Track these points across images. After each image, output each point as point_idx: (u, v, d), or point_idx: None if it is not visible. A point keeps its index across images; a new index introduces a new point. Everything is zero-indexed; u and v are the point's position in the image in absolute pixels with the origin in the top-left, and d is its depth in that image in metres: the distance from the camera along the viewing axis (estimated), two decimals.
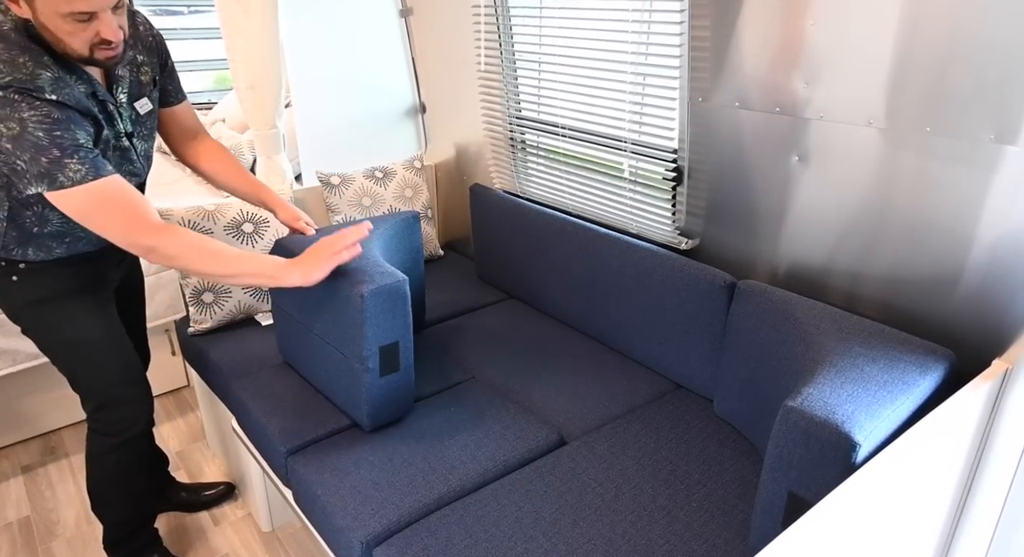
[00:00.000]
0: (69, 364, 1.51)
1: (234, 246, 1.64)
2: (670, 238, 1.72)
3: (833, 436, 0.98)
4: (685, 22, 1.50)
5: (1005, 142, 1.12)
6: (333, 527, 1.32)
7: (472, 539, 1.23)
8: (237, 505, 2.02)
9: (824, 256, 1.45)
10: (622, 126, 1.75)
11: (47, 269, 1.43)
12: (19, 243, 1.39)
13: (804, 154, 1.41)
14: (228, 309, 1.95)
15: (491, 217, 2.18)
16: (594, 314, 1.89)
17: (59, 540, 1.92)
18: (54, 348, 1.50)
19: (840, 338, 1.22)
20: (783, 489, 1.06)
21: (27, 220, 1.37)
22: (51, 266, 1.43)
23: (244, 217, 1.95)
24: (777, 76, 1.39)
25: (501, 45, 2.03)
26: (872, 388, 1.07)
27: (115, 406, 1.55)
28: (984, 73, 1.11)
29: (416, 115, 2.56)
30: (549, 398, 1.66)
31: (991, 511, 1.26)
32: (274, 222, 1.99)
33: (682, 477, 1.38)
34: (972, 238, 1.20)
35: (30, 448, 2.31)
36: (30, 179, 1.19)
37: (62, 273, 1.45)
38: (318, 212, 2.30)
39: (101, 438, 1.57)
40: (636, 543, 1.22)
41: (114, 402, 1.54)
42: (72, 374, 1.52)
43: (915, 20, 1.16)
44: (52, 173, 1.18)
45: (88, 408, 1.55)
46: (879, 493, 0.96)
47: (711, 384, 1.60)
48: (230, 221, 1.93)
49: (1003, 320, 1.20)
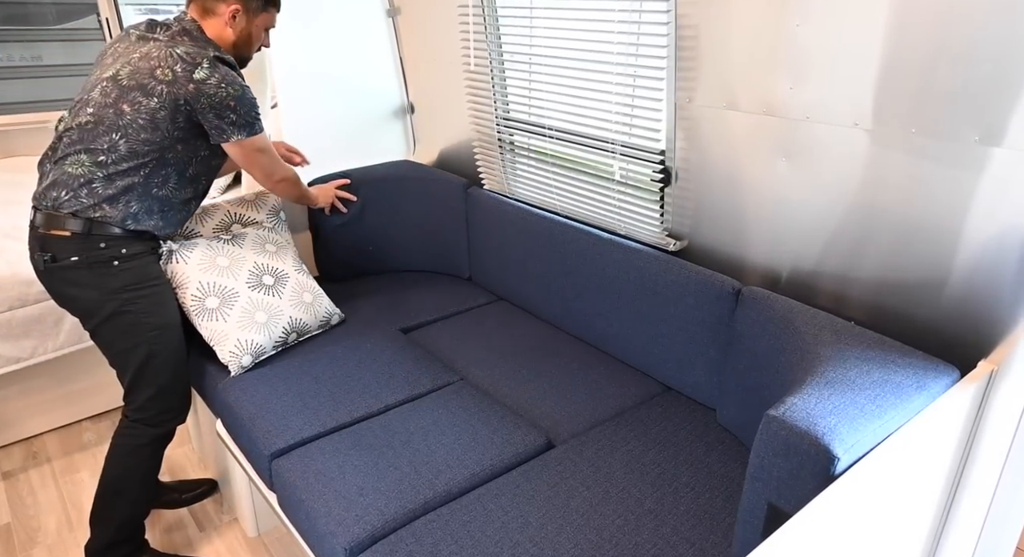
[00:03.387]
0: (147, 347, 1.59)
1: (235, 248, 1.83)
2: (658, 239, 1.72)
3: (812, 448, 0.96)
4: (672, 23, 1.50)
5: (991, 143, 1.11)
6: (317, 533, 1.30)
7: (458, 545, 1.22)
8: (222, 510, 2.00)
9: (812, 258, 1.45)
10: (610, 127, 1.74)
11: (144, 256, 1.59)
12: (139, 201, 1.55)
13: (791, 155, 1.40)
14: None
15: (480, 218, 2.16)
16: (586, 317, 1.88)
17: (40, 547, 1.89)
18: (139, 331, 1.58)
19: (837, 348, 1.20)
20: (763, 500, 1.04)
21: (156, 180, 1.56)
22: (149, 254, 1.61)
23: (232, 218, 1.93)
24: (764, 77, 1.39)
25: (489, 45, 2.02)
26: (860, 401, 1.04)
27: (170, 394, 1.66)
28: (970, 74, 1.11)
29: (404, 116, 2.55)
30: (537, 401, 1.65)
31: (976, 516, 1.25)
32: (262, 223, 1.99)
33: (670, 481, 1.37)
34: (958, 239, 1.20)
35: (11, 453, 2.27)
36: (236, 128, 1.56)
37: (156, 261, 1.65)
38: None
39: (144, 429, 1.64)
40: (623, 547, 1.21)
41: (172, 389, 1.66)
42: (146, 359, 1.60)
43: (901, 22, 1.16)
44: (253, 124, 1.59)
45: (144, 395, 1.63)
46: (860, 502, 0.95)
47: (715, 393, 1.59)
48: (218, 223, 1.91)
49: (989, 321, 1.20)
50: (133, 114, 1.49)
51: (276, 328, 1.77)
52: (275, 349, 1.79)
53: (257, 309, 1.75)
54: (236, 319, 1.71)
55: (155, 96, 1.49)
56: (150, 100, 1.49)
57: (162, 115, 1.50)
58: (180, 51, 1.50)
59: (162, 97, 1.49)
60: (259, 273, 1.80)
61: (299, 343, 1.87)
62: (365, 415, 1.59)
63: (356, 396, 1.64)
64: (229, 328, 1.70)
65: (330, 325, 1.96)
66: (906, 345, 1.23)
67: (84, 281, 1.53)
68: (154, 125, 1.50)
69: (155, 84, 1.49)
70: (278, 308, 1.79)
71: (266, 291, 1.79)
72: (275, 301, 1.79)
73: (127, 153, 1.51)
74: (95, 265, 1.52)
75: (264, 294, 1.78)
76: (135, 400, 1.63)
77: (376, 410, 1.61)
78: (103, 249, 1.52)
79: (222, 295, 1.72)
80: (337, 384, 1.68)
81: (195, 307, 1.70)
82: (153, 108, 1.49)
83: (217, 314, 1.70)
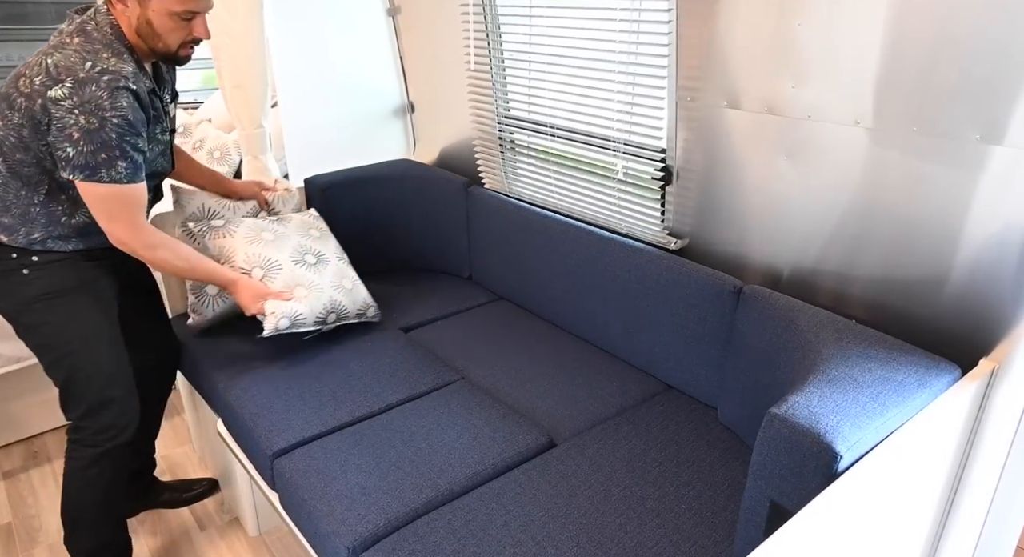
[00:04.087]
0: (67, 361, 1.46)
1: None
2: (659, 238, 1.72)
3: (815, 446, 0.96)
4: (673, 22, 1.50)
5: (991, 142, 1.12)
6: (319, 532, 1.30)
7: (460, 544, 1.22)
8: (223, 510, 2.00)
9: (812, 256, 1.45)
10: (611, 126, 1.74)
11: (59, 263, 1.43)
12: (44, 229, 1.41)
13: (792, 154, 1.41)
14: (231, 302, 1.91)
15: (481, 217, 2.16)
16: (587, 316, 1.88)
17: (41, 546, 1.89)
18: (56, 344, 1.46)
19: (839, 347, 1.20)
20: (765, 498, 1.04)
21: (59, 207, 1.40)
22: (64, 260, 1.44)
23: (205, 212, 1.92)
24: (765, 76, 1.39)
25: (490, 44, 2.02)
26: (863, 399, 1.05)
27: (105, 411, 1.50)
28: (970, 73, 1.11)
29: (404, 114, 2.55)
30: (538, 399, 1.65)
31: (977, 513, 1.26)
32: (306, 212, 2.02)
33: (672, 479, 1.37)
34: (959, 237, 1.21)
35: (12, 453, 2.27)
36: (73, 166, 1.29)
37: (72, 268, 1.46)
38: None
39: (84, 449, 1.51)
40: (625, 546, 1.21)
41: (105, 406, 1.50)
42: (68, 373, 1.47)
43: (902, 20, 1.16)
44: (97, 168, 1.30)
45: (75, 413, 1.50)
46: (862, 500, 0.95)
47: (716, 391, 1.59)
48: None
49: (990, 319, 1.20)
50: (4, 130, 1.32)
51: (317, 303, 1.75)
52: (315, 325, 1.76)
53: (299, 283, 1.75)
54: (279, 287, 1.72)
55: (17, 110, 1.30)
56: (13, 115, 1.30)
57: (26, 132, 1.30)
58: (52, 60, 1.28)
59: (22, 112, 1.29)
60: (302, 252, 1.82)
61: (300, 342, 1.86)
62: (366, 414, 1.59)
63: (357, 395, 1.64)
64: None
65: (367, 317, 1.92)
66: (907, 343, 1.23)
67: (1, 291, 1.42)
68: (23, 144, 1.31)
69: (16, 96, 1.30)
70: (319, 285, 1.78)
71: (308, 268, 1.79)
72: (316, 278, 1.79)
73: (9, 174, 1.35)
74: (5, 273, 1.41)
75: (306, 270, 1.78)
76: (70, 419, 1.51)
77: (377, 409, 1.61)
78: (13, 259, 1.40)
79: (266, 267, 1.73)
80: (338, 383, 1.68)
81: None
82: (17, 124, 1.30)
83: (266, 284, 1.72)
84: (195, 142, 2.88)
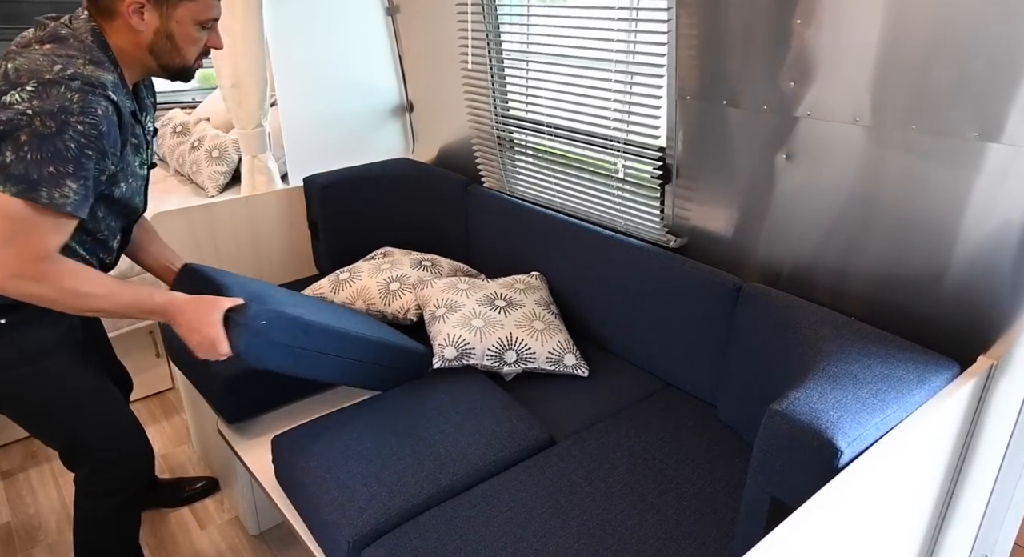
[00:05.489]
0: (68, 423, 1.33)
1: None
2: (658, 236, 1.72)
3: (816, 441, 0.97)
4: (672, 20, 1.50)
5: (989, 139, 1.12)
6: (320, 522, 1.30)
7: (462, 540, 1.22)
8: (223, 509, 2.00)
9: (811, 253, 1.45)
10: (609, 124, 1.75)
11: (28, 323, 1.25)
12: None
13: (791, 152, 1.41)
14: None
15: (480, 216, 2.17)
16: (586, 315, 1.89)
17: (40, 546, 1.89)
18: (49, 410, 1.31)
19: (838, 344, 1.21)
20: (766, 494, 1.05)
21: None
22: (30, 322, 1.25)
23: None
24: (764, 74, 1.40)
25: (488, 43, 2.02)
26: (862, 395, 1.05)
27: (119, 462, 1.40)
28: (968, 70, 1.11)
29: (403, 114, 2.55)
30: (539, 397, 1.65)
31: (976, 508, 1.26)
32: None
33: (671, 476, 1.38)
34: (957, 234, 1.21)
35: (10, 453, 2.27)
36: (5, 176, 1.03)
37: (43, 328, 1.27)
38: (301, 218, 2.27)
39: (99, 501, 1.40)
40: (626, 542, 1.22)
41: (115, 461, 1.39)
42: (72, 435, 1.34)
43: (900, 18, 1.17)
44: (37, 183, 1.05)
45: (84, 471, 1.38)
46: (861, 496, 0.95)
47: (715, 389, 1.59)
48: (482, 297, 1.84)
49: (987, 316, 1.21)
50: None
51: (490, 337, 1.69)
52: (487, 358, 1.68)
53: (476, 316, 1.74)
54: (454, 321, 1.73)
55: None
56: None
57: None
58: (14, 65, 1.10)
59: None
60: (493, 298, 1.82)
61: None
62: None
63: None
64: (446, 327, 1.72)
65: (568, 373, 1.72)
66: (906, 340, 1.24)
67: None
68: None
69: None
70: (499, 322, 1.73)
71: (493, 308, 1.78)
72: (498, 316, 1.75)
73: None
74: None
75: (489, 309, 1.77)
76: (78, 475, 1.39)
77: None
78: None
79: (449, 306, 1.79)
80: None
81: (427, 317, 1.80)
82: None
83: (441, 319, 1.75)
84: (193, 141, 2.87)
